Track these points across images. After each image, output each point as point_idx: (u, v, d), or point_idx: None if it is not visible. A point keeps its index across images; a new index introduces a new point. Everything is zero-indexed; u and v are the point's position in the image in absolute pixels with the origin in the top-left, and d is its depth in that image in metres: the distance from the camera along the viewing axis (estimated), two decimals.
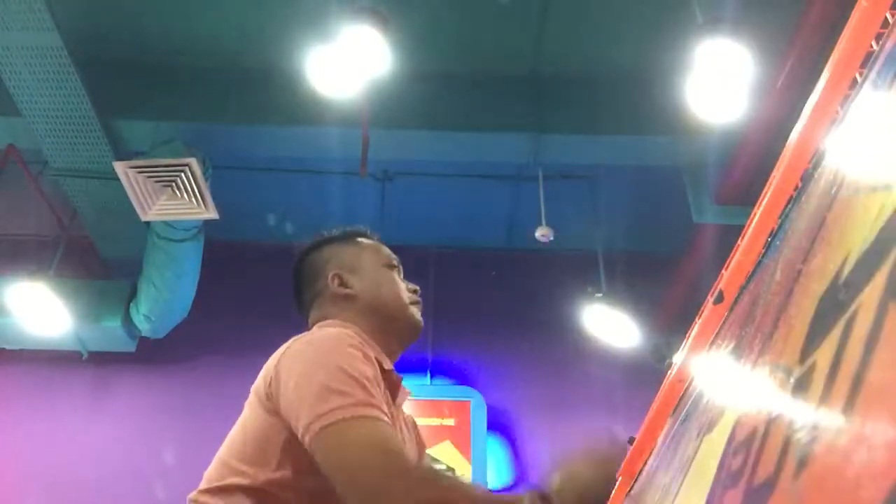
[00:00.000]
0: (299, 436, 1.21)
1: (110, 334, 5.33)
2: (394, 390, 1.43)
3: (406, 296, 1.59)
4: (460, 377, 5.67)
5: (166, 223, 4.90)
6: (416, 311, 1.58)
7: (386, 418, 1.22)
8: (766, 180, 1.97)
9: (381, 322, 1.52)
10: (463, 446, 5.17)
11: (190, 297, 5.26)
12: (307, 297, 1.60)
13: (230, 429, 1.51)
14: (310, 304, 1.59)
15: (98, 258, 5.72)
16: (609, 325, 5.03)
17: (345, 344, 1.32)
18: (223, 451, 1.39)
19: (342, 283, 1.55)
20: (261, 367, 1.51)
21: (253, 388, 1.41)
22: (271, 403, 1.29)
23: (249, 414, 1.37)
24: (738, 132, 4.45)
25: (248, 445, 1.32)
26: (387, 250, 1.67)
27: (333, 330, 1.41)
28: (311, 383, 1.23)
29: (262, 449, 1.29)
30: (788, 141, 1.86)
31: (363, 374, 1.26)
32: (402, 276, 1.65)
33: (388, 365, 1.42)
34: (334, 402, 1.19)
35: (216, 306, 5.53)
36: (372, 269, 1.59)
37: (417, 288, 1.64)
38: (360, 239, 1.67)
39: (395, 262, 1.66)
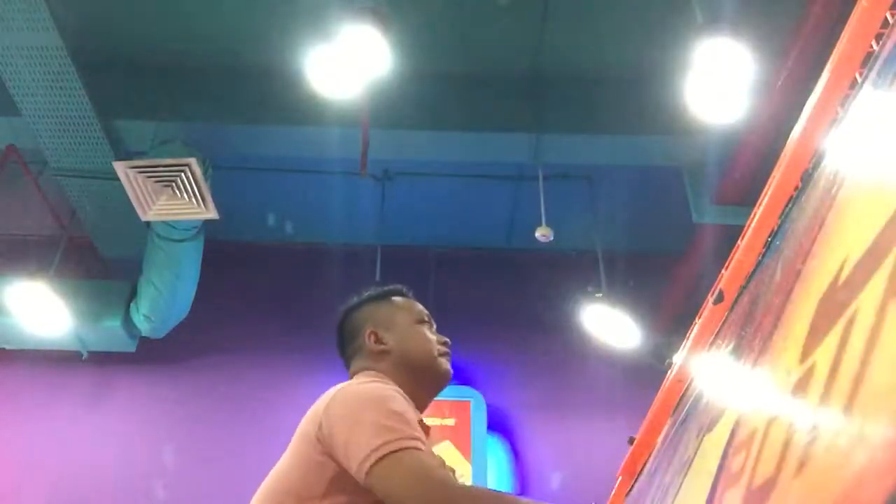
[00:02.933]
0: (354, 472, 1.36)
1: (110, 334, 5.33)
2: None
3: (436, 348, 1.75)
4: (460, 377, 5.67)
5: (166, 223, 4.90)
6: (444, 362, 1.75)
7: (427, 450, 1.40)
8: (766, 180, 1.98)
9: (414, 374, 1.69)
10: (463, 446, 5.17)
11: (190, 297, 5.26)
12: (349, 352, 1.77)
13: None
14: (350, 358, 1.76)
15: (98, 258, 5.72)
16: (609, 325, 5.03)
17: (389, 388, 1.52)
18: (269, 487, 1.51)
19: (378, 340, 1.71)
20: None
21: (300, 430, 1.53)
22: (322, 446, 1.43)
23: (296, 455, 1.50)
24: (738, 132, 4.45)
25: (296, 482, 1.45)
26: (419, 307, 1.82)
27: (377, 383, 1.57)
28: (362, 423, 1.39)
29: (311, 483, 1.43)
30: (788, 141, 1.86)
31: (407, 411, 1.45)
32: (434, 329, 1.81)
33: (419, 415, 1.57)
34: (385, 437, 1.35)
35: (216, 306, 5.53)
36: (404, 325, 1.75)
37: (447, 340, 1.80)
38: (395, 298, 1.83)
39: (426, 318, 1.81)
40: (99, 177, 4.90)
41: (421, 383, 1.68)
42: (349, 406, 1.45)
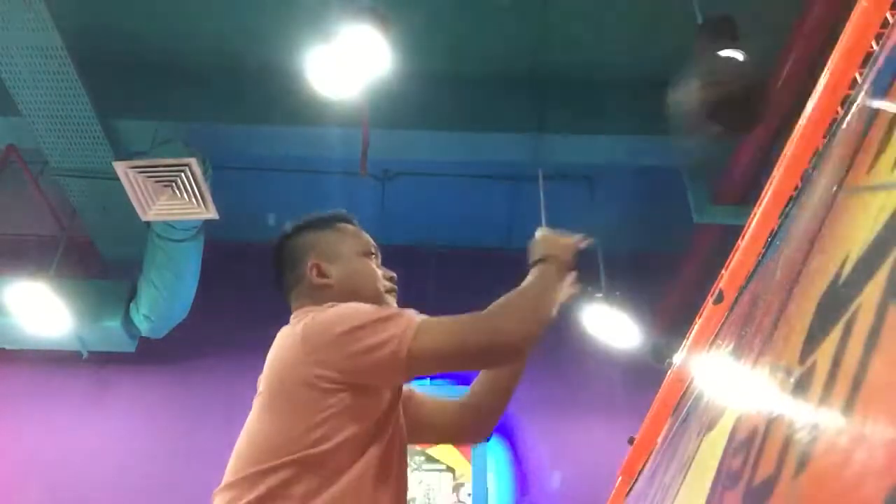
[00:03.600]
0: (388, 364, 1.35)
1: (110, 334, 5.33)
2: None
3: (382, 284, 1.66)
4: (460, 377, 5.66)
5: (166, 223, 4.90)
6: (391, 300, 1.66)
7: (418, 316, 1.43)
8: (766, 180, 1.98)
9: None
10: (463, 446, 5.16)
11: (190, 297, 5.25)
12: (287, 280, 1.67)
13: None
14: (289, 288, 1.66)
15: (98, 258, 5.72)
16: (609, 325, 5.03)
17: (351, 303, 1.48)
18: (251, 442, 1.44)
19: (320, 273, 1.62)
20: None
21: (268, 385, 1.46)
22: (327, 381, 1.36)
23: (279, 404, 1.42)
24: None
25: (292, 427, 1.37)
26: (366, 237, 1.72)
27: (337, 305, 1.50)
28: (366, 324, 1.38)
29: (314, 425, 1.35)
30: (788, 141, 1.86)
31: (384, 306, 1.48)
32: (379, 263, 1.71)
33: None
34: (400, 319, 1.38)
35: (216, 306, 5.53)
36: (349, 257, 1.65)
37: (394, 275, 1.70)
38: (339, 224, 1.72)
39: (372, 250, 1.70)
40: (99, 177, 4.90)
41: None
42: (334, 327, 1.40)
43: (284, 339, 1.50)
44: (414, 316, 1.41)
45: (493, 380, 1.78)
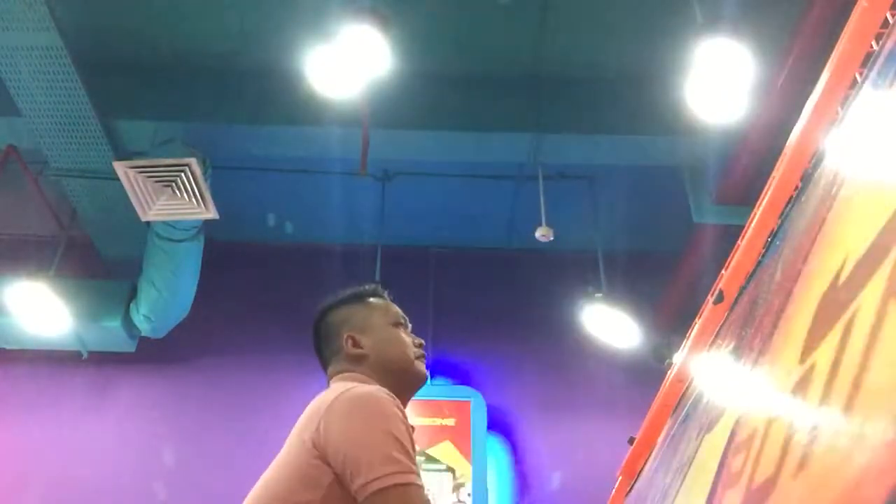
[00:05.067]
0: (353, 490, 1.42)
1: (110, 334, 5.33)
2: None
3: (412, 351, 1.79)
4: (460, 377, 5.67)
5: (166, 223, 4.90)
6: (420, 365, 1.80)
7: (422, 483, 1.47)
8: (766, 180, 1.98)
9: (391, 377, 1.73)
10: (463, 446, 5.17)
11: (190, 297, 5.25)
12: (326, 353, 1.81)
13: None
14: (328, 359, 1.80)
15: (98, 258, 5.72)
16: (609, 325, 5.03)
17: (388, 404, 1.54)
18: (266, 488, 1.53)
19: (355, 344, 1.75)
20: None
21: (296, 431, 1.57)
22: (318, 451, 1.47)
23: (290, 461, 1.53)
24: (738, 132, 4.45)
25: (295, 483, 1.48)
26: (394, 309, 1.85)
27: (373, 388, 1.59)
28: (366, 443, 1.45)
29: (309, 486, 1.46)
30: (788, 141, 1.86)
31: (406, 439, 1.50)
32: (409, 331, 1.84)
33: (407, 422, 1.61)
34: (389, 468, 1.41)
35: (216, 306, 5.53)
36: (381, 328, 1.79)
37: (422, 342, 1.84)
38: (371, 299, 1.86)
39: (401, 321, 1.84)
40: (99, 177, 4.90)
41: (398, 386, 1.71)
42: (351, 417, 1.49)
43: (318, 401, 1.59)
44: (405, 477, 1.42)
45: None
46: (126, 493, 5.15)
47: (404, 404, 1.70)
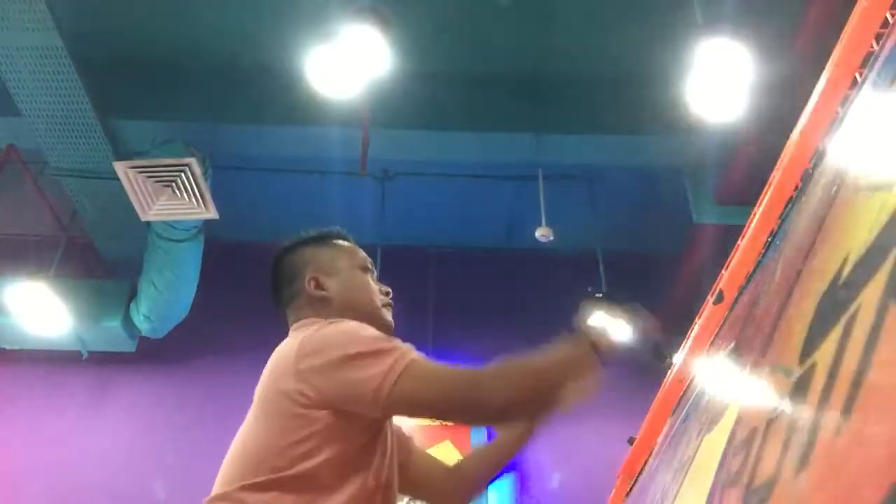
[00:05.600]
0: (369, 403, 1.36)
1: (110, 334, 5.33)
2: None
3: (378, 298, 1.68)
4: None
5: (166, 223, 4.90)
6: (387, 313, 1.68)
7: (419, 353, 1.42)
8: (766, 180, 1.98)
9: None
10: (463, 446, 5.16)
11: (190, 297, 5.25)
12: (285, 295, 1.69)
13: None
14: (287, 302, 1.68)
15: (98, 258, 5.72)
16: (609, 325, 5.03)
17: (349, 322, 1.49)
18: (252, 448, 1.43)
19: (318, 286, 1.64)
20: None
21: (264, 394, 1.48)
22: (305, 399, 1.39)
23: (276, 410, 1.43)
24: (739, 132, 4.44)
25: (289, 433, 1.39)
26: (361, 253, 1.74)
27: (334, 323, 1.51)
28: (353, 358, 1.38)
29: (306, 432, 1.38)
30: (788, 141, 1.86)
31: (379, 333, 1.46)
32: (375, 277, 1.74)
33: None
34: (388, 358, 1.37)
35: (216, 306, 5.52)
36: (346, 272, 1.68)
37: (389, 290, 1.73)
38: (336, 241, 1.75)
39: (368, 266, 1.73)
40: (99, 177, 4.90)
41: None
42: (328, 349, 1.41)
43: (282, 352, 1.51)
44: (405, 355, 1.39)
45: (489, 453, 1.83)
46: (125, 492, 5.15)
47: None
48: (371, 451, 1.44)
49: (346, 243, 1.76)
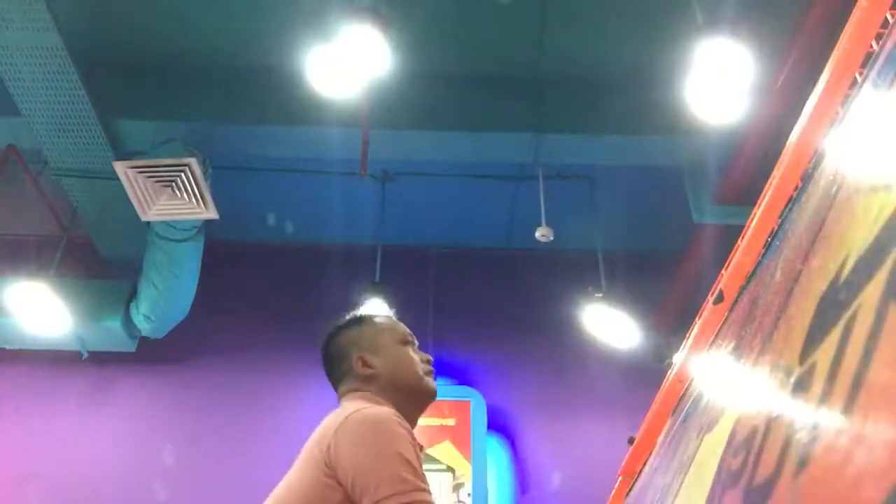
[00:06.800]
0: (359, 496, 1.46)
1: (110, 334, 5.33)
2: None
3: (421, 368, 1.82)
4: (460, 377, 5.67)
5: (166, 223, 4.90)
6: (430, 381, 1.82)
7: (433, 499, 1.51)
8: (766, 180, 1.98)
9: (402, 394, 1.76)
10: (463, 446, 5.17)
11: (190, 297, 5.25)
12: (336, 374, 1.84)
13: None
14: (339, 380, 1.83)
15: (98, 258, 5.72)
16: (609, 325, 5.03)
17: (395, 424, 1.58)
18: (281, 499, 1.57)
19: (365, 364, 1.78)
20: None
21: (307, 450, 1.60)
22: (329, 470, 1.52)
23: (304, 474, 1.57)
24: (738, 132, 4.45)
25: (308, 500, 1.52)
26: (402, 328, 1.88)
27: (381, 409, 1.64)
28: (374, 463, 1.49)
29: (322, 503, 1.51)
30: (788, 141, 1.86)
31: (414, 458, 1.54)
32: (416, 348, 1.88)
33: (415, 439, 1.65)
34: (397, 487, 1.45)
35: (216, 306, 5.53)
36: (389, 347, 1.82)
37: (430, 358, 1.87)
38: (378, 319, 1.90)
39: (409, 339, 1.87)
40: (99, 177, 4.90)
41: (409, 403, 1.76)
42: (361, 437, 1.54)
43: (330, 419, 1.63)
44: (415, 495, 1.47)
45: None
46: (126, 492, 5.15)
47: (415, 421, 1.78)
48: None
49: (386, 320, 1.91)
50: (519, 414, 5.62)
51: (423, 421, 1.85)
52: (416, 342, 1.88)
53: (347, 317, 1.91)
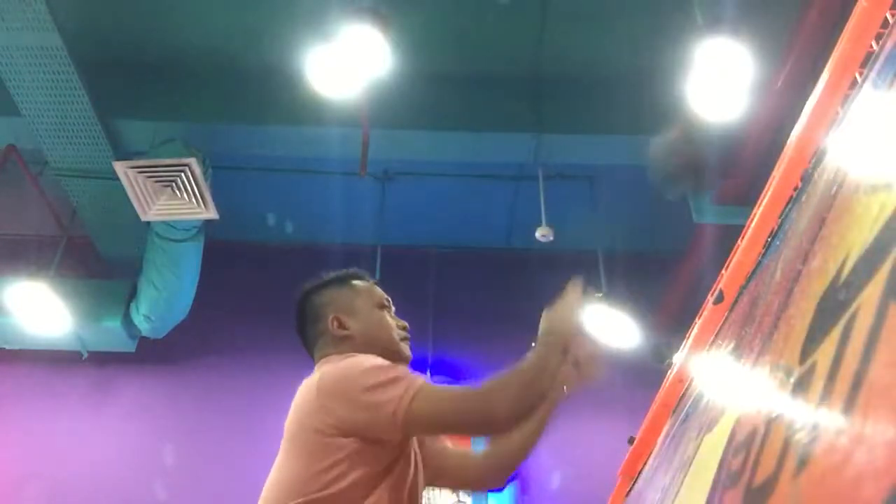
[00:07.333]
0: (388, 424, 1.50)
1: (110, 334, 5.33)
2: None
3: (397, 333, 1.81)
4: (460, 377, 5.67)
5: (166, 223, 4.90)
6: (405, 346, 1.82)
7: (427, 379, 1.58)
8: (766, 180, 1.98)
9: None
10: (463, 446, 5.16)
11: (190, 297, 5.25)
12: (310, 335, 1.82)
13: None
14: (313, 341, 1.82)
15: (98, 258, 5.72)
16: (609, 325, 5.03)
17: (363, 356, 1.65)
18: (286, 478, 1.56)
19: (341, 325, 1.77)
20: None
21: (295, 422, 1.61)
22: (329, 430, 1.52)
23: (303, 444, 1.57)
24: (738, 132, 4.44)
25: (318, 463, 1.52)
26: (379, 291, 1.87)
27: (352, 356, 1.67)
28: (370, 389, 1.52)
29: (333, 460, 1.51)
30: (788, 141, 1.86)
31: (390, 363, 1.61)
32: (393, 313, 1.87)
33: None
34: (401, 384, 1.51)
35: (216, 306, 5.52)
36: (366, 310, 1.81)
37: (406, 325, 1.86)
38: (355, 282, 1.88)
39: (385, 303, 1.86)
40: (99, 177, 4.90)
41: None
42: (346, 382, 1.56)
43: (306, 388, 1.64)
44: (415, 381, 1.53)
45: (519, 437, 1.94)
46: (126, 492, 5.15)
47: None
48: (396, 469, 1.57)
49: (363, 283, 1.88)
50: None
51: None
52: (393, 308, 1.88)
53: (324, 277, 1.90)
